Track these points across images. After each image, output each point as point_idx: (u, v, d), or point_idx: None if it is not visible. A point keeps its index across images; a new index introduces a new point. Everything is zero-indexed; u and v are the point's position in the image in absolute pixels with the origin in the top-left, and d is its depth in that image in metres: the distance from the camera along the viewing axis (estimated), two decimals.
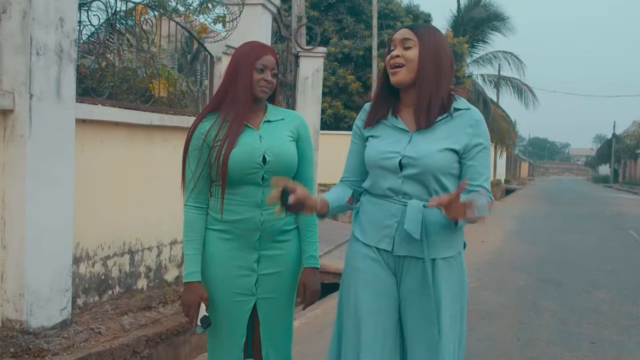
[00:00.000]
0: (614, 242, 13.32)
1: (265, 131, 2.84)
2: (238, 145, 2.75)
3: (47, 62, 4.36)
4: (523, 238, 13.40)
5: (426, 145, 2.51)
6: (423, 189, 2.53)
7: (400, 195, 2.55)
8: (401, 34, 2.57)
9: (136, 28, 6.55)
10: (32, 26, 4.22)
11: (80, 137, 4.79)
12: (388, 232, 2.58)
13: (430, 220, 2.51)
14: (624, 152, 65.57)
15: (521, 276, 8.83)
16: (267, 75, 2.79)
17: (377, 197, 2.64)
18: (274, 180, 2.50)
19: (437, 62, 2.53)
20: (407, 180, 2.53)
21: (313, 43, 11.50)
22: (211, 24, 9.00)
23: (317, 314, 6.22)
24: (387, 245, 2.58)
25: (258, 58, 2.79)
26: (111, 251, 5.41)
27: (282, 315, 2.93)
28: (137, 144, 5.64)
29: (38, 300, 4.42)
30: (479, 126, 2.57)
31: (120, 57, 6.13)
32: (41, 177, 4.36)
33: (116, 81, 5.69)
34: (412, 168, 2.51)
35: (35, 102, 4.28)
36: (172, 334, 5.28)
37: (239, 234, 2.82)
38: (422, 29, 2.56)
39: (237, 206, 2.80)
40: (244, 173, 2.76)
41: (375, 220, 2.63)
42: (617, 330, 6.07)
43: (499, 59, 32.88)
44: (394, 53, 2.56)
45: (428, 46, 2.53)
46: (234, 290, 2.84)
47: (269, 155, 2.77)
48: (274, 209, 2.59)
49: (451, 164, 2.53)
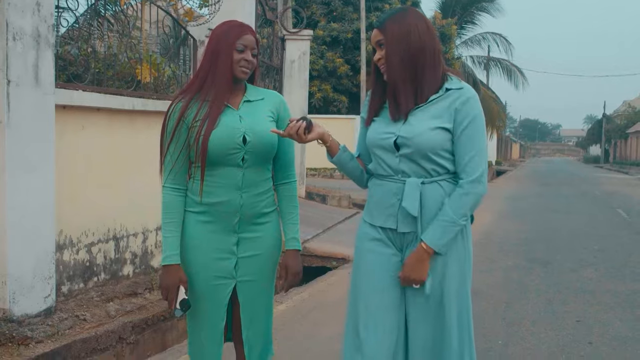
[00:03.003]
0: (603, 222, 13.37)
1: (245, 111, 2.79)
2: (218, 126, 2.71)
3: (24, 47, 4.32)
4: (513, 218, 13.43)
5: (419, 125, 2.58)
6: (419, 168, 2.61)
7: (400, 174, 2.64)
8: (373, 36, 2.66)
9: (120, 14, 6.48)
10: (7, 10, 4.18)
11: (60, 123, 4.75)
12: (392, 211, 2.67)
13: (428, 197, 2.60)
14: (614, 132, 65.77)
15: (509, 256, 8.85)
16: (247, 55, 2.75)
17: (380, 177, 2.72)
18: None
19: (403, 50, 2.57)
20: (403, 159, 2.62)
21: (299, 26, 11.44)
22: (196, 9, 8.94)
23: (303, 297, 6.21)
24: (392, 224, 2.67)
25: (238, 37, 2.74)
26: (95, 238, 5.39)
27: (262, 298, 2.92)
28: (119, 129, 5.60)
29: (21, 288, 4.40)
30: (469, 103, 2.60)
31: (105, 42, 6.07)
32: (21, 163, 4.33)
33: (101, 67, 5.63)
34: (407, 147, 2.59)
35: (13, 88, 4.24)
36: (158, 320, 5.28)
37: (218, 216, 2.78)
38: (385, 22, 2.61)
39: (217, 188, 2.76)
40: (224, 154, 2.72)
41: (379, 201, 2.72)
42: (602, 308, 6.10)
43: (488, 40, 32.84)
44: (376, 57, 2.66)
45: (391, 39, 2.58)
46: (214, 273, 2.81)
47: (249, 135, 2.73)
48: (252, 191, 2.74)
49: (443, 142, 2.58)
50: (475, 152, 2.59)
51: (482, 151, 2.61)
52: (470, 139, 2.58)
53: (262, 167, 2.82)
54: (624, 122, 63.23)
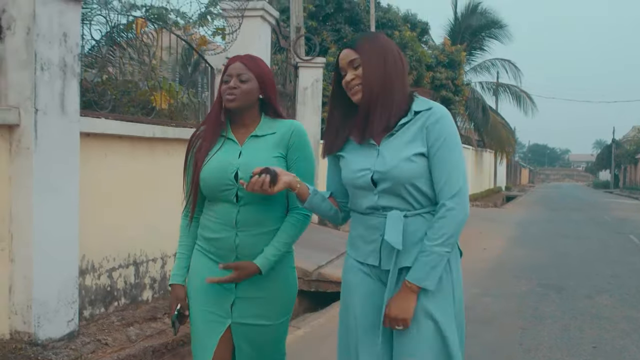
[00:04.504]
0: (615, 247, 13.35)
1: (249, 146, 2.72)
2: (213, 160, 2.69)
3: (52, 76, 4.44)
4: (524, 244, 13.43)
5: (392, 156, 2.46)
6: (400, 200, 2.48)
7: (380, 210, 2.50)
8: (344, 56, 2.54)
9: (136, 41, 6.61)
10: (36, 42, 4.30)
11: (84, 150, 4.85)
12: (374, 247, 2.53)
13: (411, 231, 2.46)
14: (623, 157, 65.60)
15: (522, 282, 8.87)
16: (231, 83, 2.68)
17: (359, 213, 2.60)
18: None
19: (383, 72, 2.49)
20: (382, 194, 2.49)
21: (312, 53, 11.60)
22: (210, 37, 9.10)
23: (320, 323, 6.26)
24: (374, 260, 2.54)
25: (225, 71, 2.73)
26: (116, 263, 5.47)
27: (264, 347, 2.79)
28: (140, 156, 5.71)
29: (46, 312, 4.47)
30: (439, 123, 2.45)
31: (121, 70, 6.21)
32: (47, 189, 4.42)
33: (117, 94, 5.75)
34: (384, 182, 2.46)
35: (41, 117, 4.35)
36: (177, 345, 5.32)
37: (216, 252, 2.74)
38: (360, 42, 2.53)
39: (214, 224, 2.73)
40: (217, 190, 2.68)
41: (362, 236, 2.59)
42: (618, 334, 6.11)
43: (497, 67, 33.03)
44: (347, 78, 2.52)
45: (369, 60, 2.49)
46: (208, 308, 2.74)
47: (242, 173, 2.62)
48: (250, 231, 2.64)
49: (421, 170, 2.45)
50: (450, 173, 2.43)
51: (457, 171, 2.45)
52: (444, 160, 2.44)
53: (265, 205, 2.70)
54: (633, 147, 63.11)
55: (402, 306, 2.42)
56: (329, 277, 7.82)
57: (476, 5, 29.84)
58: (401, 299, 2.43)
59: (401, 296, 2.43)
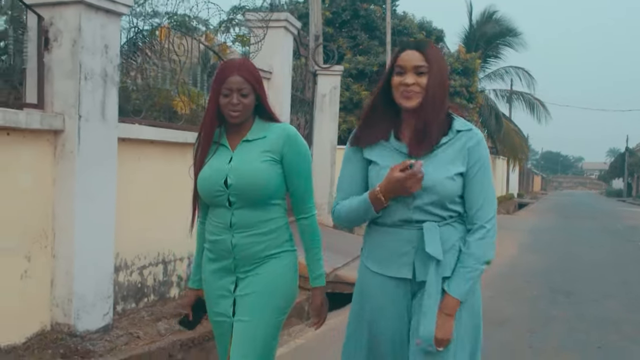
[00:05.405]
0: (625, 255, 13.55)
1: (240, 151, 2.78)
2: (206, 167, 2.80)
3: (94, 85, 4.76)
4: (536, 250, 13.63)
5: (435, 172, 2.46)
6: (433, 215, 2.50)
7: (414, 222, 2.50)
8: (413, 59, 2.48)
9: (158, 46, 6.76)
10: (81, 53, 4.62)
11: (120, 154, 5.16)
12: (406, 260, 2.52)
13: (444, 240, 2.49)
14: (637, 165, 65.39)
15: (534, 287, 9.11)
16: (232, 99, 2.71)
17: (387, 226, 2.57)
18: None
19: (443, 86, 2.51)
20: (419, 208, 2.49)
21: (330, 61, 11.90)
22: (230, 43, 9.39)
23: (339, 321, 6.50)
24: (407, 273, 2.53)
25: (222, 82, 2.73)
26: (147, 261, 5.78)
27: (250, 341, 2.78)
28: (170, 160, 6.01)
29: (84, 306, 4.79)
30: (480, 145, 2.53)
31: (145, 75, 6.47)
32: (88, 191, 4.74)
33: (140, 98, 6.05)
34: (424, 197, 2.47)
35: (83, 123, 4.67)
36: (203, 340, 5.61)
37: (218, 255, 2.84)
38: (432, 54, 2.49)
39: (215, 227, 2.83)
40: (211, 195, 2.78)
41: (390, 250, 2.56)
42: (623, 337, 6.38)
43: (511, 74, 33.10)
44: (408, 81, 2.47)
45: (437, 71, 2.48)
46: (215, 309, 2.90)
47: (231, 178, 2.72)
48: (245, 232, 2.74)
49: (460, 187, 2.51)
50: (486, 196, 2.53)
51: (492, 194, 2.55)
52: (482, 183, 2.52)
53: (259, 207, 2.77)
54: None
55: (446, 327, 2.45)
56: (344, 279, 8.10)
57: (492, 13, 29.93)
58: (445, 319, 2.45)
59: (444, 316, 2.45)
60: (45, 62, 4.65)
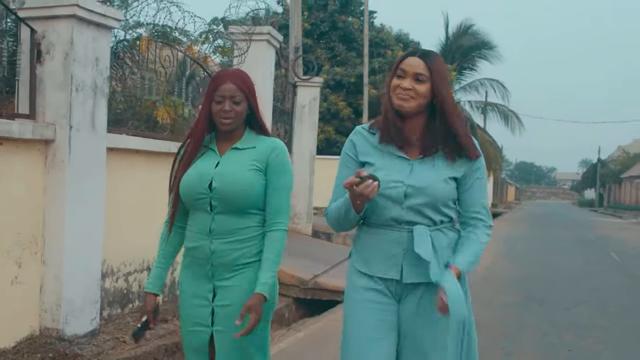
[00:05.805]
0: (597, 264, 13.87)
1: (228, 158, 2.81)
2: (192, 169, 2.80)
3: (85, 97, 4.90)
4: (510, 259, 13.87)
5: (429, 175, 2.54)
6: (425, 216, 2.56)
7: (404, 224, 2.55)
8: (415, 66, 2.53)
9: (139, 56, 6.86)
10: (72, 65, 4.76)
11: (108, 163, 5.29)
12: (395, 262, 2.57)
13: (435, 245, 2.55)
14: (608, 176, 66.39)
15: (508, 294, 9.35)
16: (225, 105, 2.74)
17: (377, 227, 2.62)
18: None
19: (445, 89, 2.58)
20: (410, 209, 2.54)
21: (310, 73, 12.10)
22: (211, 54, 9.53)
23: (319, 327, 6.72)
24: (395, 274, 2.57)
25: (215, 89, 2.76)
26: (132, 268, 5.92)
27: (236, 352, 2.80)
28: (155, 169, 6.15)
29: (73, 311, 4.91)
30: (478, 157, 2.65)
31: (125, 85, 6.59)
32: (78, 199, 4.88)
33: (121, 108, 6.18)
34: (417, 198, 2.53)
35: (74, 133, 4.81)
36: None
37: (195, 262, 2.84)
38: (435, 65, 2.54)
39: (193, 233, 2.83)
40: (193, 198, 2.79)
41: (379, 251, 2.61)
42: (593, 341, 6.63)
43: (486, 86, 33.47)
44: (405, 85, 2.52)
45: (438, 77, 2.54)
46: (192, 319, 2.87)
47: (216, 182, 2.73)
48: (224, 239, 2.73)
49: (453, 192, 2.59)
50: (485, 198, 2.68)
51: (486, 197, 2.70)
52: (480, 189, 2.65)
53: (239, 215, 2.78)
54: (618, 167, 63.92)
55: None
56: (324, 286, 8.28)
57: (468, 27, 30.38)
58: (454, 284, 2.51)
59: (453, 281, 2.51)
60: (38, 74, 4.79)
